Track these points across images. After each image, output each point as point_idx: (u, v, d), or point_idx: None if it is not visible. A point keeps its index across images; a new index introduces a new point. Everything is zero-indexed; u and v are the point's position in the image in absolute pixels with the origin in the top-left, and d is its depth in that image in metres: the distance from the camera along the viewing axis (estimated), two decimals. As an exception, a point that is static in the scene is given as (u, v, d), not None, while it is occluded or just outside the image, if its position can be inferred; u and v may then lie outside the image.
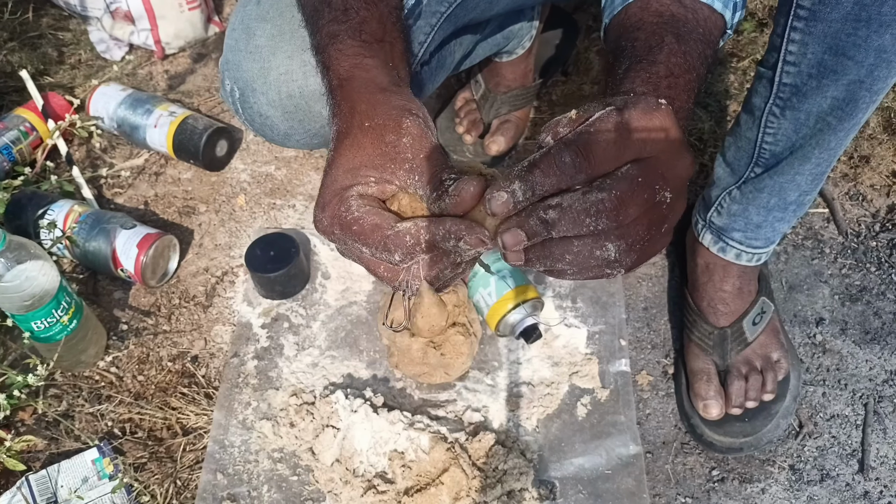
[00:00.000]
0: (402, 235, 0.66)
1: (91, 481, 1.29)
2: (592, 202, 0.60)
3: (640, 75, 0.73)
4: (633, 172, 0.61)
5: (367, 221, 0.67)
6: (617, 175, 0.61)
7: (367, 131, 0.71)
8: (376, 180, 0.69)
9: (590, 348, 1.44)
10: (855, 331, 1.47)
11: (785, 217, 1.27)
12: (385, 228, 0.66)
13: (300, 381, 1.41)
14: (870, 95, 1.00)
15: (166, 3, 1.89)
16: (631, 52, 0.77)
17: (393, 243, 0.66)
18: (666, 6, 0.80)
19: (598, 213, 0.60)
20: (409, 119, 0.70)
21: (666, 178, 0.62)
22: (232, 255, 1.61)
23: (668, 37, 0.77)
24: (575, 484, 1.30)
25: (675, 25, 0.78)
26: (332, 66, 0.79)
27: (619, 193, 0.60)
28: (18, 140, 1.69)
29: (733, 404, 1.33)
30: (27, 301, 1.27)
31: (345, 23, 0.81)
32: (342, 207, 0.69)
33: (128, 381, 1.43)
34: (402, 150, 0.69)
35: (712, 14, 0.82)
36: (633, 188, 0.60)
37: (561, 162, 0.60)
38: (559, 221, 0.60)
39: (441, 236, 0.64)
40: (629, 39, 0.79)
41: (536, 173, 0.60)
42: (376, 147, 0.70)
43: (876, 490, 1.31)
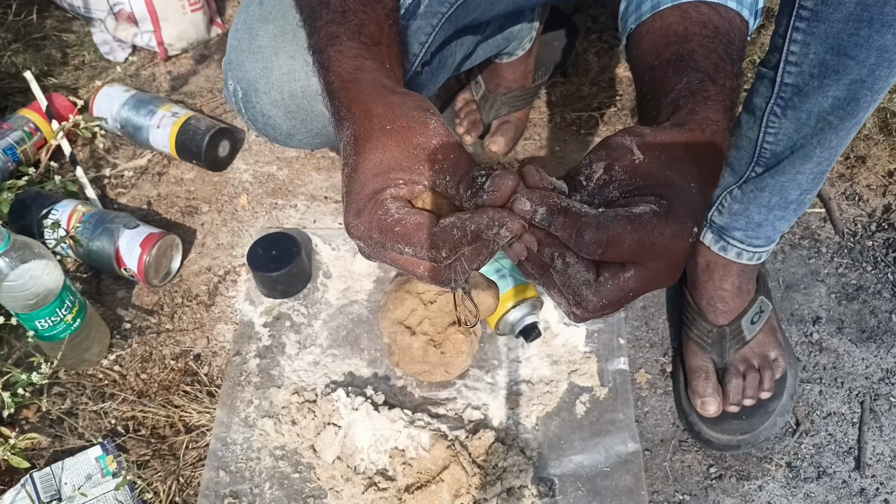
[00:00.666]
0: (448, 230, 0.65)
1: (94, 479, 1.28)
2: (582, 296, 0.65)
3: (718, 101, 0.73)
4: (630, 285, 0.65)
5: (411, 222, 0.66)
6: (619, 282, 0.64)
7: (391, 134, 0.69)
8: (405, 182, 0.69)
9: (589, 347, 1.44)
10: (851, 329, 1.47)
11: (786, 216, 1.27)
12: (429, 226, 0.66)
13: (302, 379, 1.40)
14: (871, 95, 1.00)
15: (169, 4, 1.88)
16: (695, 65, 0.76)
17: (440, 239, 0.65)
18: (706, 15, 0.80)
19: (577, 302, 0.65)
20: (434, 120, 0.70)
21: (646, 289, 0.66)
22: (234, 254, 1.60)
23: (724, 56, 0.77)
24: (574, 481, 1.29)
25: (723, 41, 0.78)
26: (333, 67, 0.78)
27: (605, 301, 0.64)
28: (23, 140, 1.68)
29: (731, 402, 1.33)
30: (31, 300, 1.26)
31: (343, 24, 0.81)
32: (380, 211, 0.67)
33: (131, 379, 1.43)
34: (432, 152, 0.68)
35: (742, 23, 0.82)
36: (620, 298, 0.65)
37: (580, 237, 0.61)
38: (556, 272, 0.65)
39: (486, 224, 0.64)
40: (685, 51, 0.78)
41: (559, 220, 0.62)
42: (403, 150, 0.69)
43: (872, 487, 1.30)
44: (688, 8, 0.81)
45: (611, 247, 0.61)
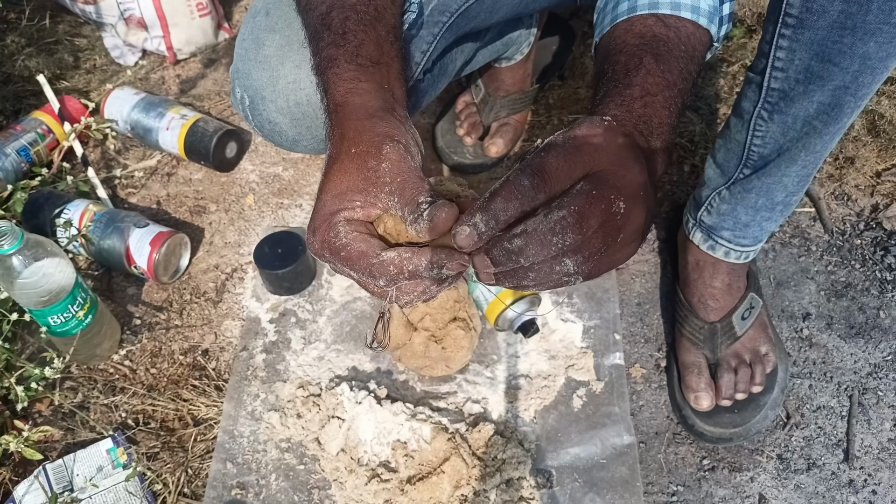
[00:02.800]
0: (386, 265, 0.67)
1: (105, 470, 1.29)
2: (556, 220, 0.62)
3: (614, 99, 0.75)
4: (586, 187, 0.63)
5: (354, 248, 0.69)
6: (572, 191, 0.63)
7: (353, 157, 0.72)
8: (361, 204, 0.71)
9: (585, 342, 1.44)
10: (840, 325, 1.47)
11: (772, 217, 1.27)
12: (370, 256, 0.68)
13: (307, 373, 1.41)
14: (854, 101, 1.00)
15: (178, 10, 1.89)
16: (611, 76, 0.78)
17: (377, 271, 0.67)
18: (649, 27, 0.82)
19: (563, 231, 0.62)
20: (388, 145, 0.71)
21: (618, 188, 0.65)
22: (241, 252, 1.61)
23: (646, 57, 0.78)
24: (571, 472, 1.30)
25: (655, 46, 0.80)
26: (329, 90, 0.80)
27: (577, 208, 0.62)
28: (36, 142, 1.69)
29: (723, 396, 1.33)
30: (44, 297, 1.27)
31: (342, 47, 0.82)
32: (331, 233, 0.70)
33: (141, 373, 1.43)
34: (381, 175, 0.70)
35: (697, 30, 0.82)
36: (589, 201, 0.63)
37: (520, 186, 0.62)
38: (525, 248, 0.63)
39: (424, 266, 0.66)
40: (610, 63, 0.80)
41: (498, 201, 0.63)
42: (360, 172, 0.71)
43: (860, 479, 1.31)
44: (635, 21, 0.83)
45: (546, 173, 0.63)
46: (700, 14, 0.83)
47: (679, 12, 0.82)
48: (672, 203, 1.64)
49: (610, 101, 0.74)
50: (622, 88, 0.75)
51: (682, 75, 0.79)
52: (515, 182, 0.63)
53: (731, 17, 0.88)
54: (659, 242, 1.59)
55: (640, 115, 0.73)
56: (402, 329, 0.77)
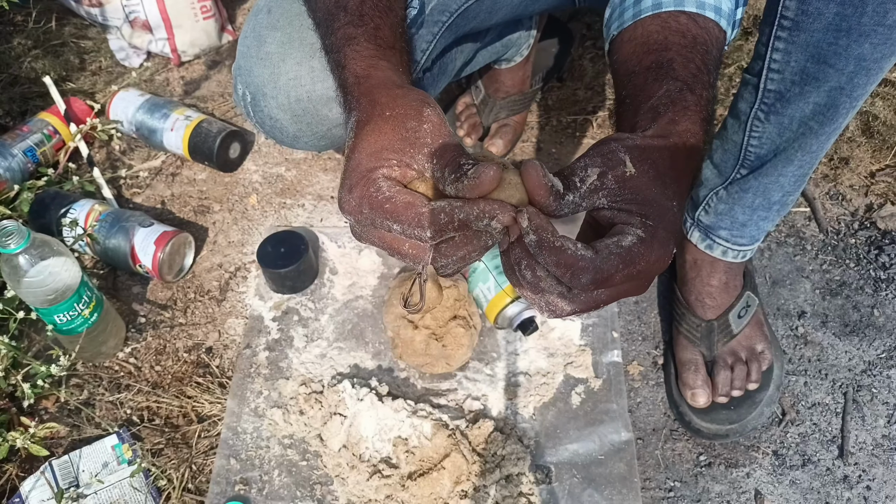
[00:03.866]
0: (437, 213, 0.64)
1: (111, 466, 1.29)
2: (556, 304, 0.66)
3: (695, 113, 0.74)
4: (602, 297, 0.65)
5: (400, 200, 0.66)
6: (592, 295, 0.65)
7: (389, 119, 0.70)
8: (398, 163, 0.68)
9: (584, 340, 1.44)
10: (835, 323, 1.47)
11: (769, 216, 1.27)
12: (419, 206, 0.65)
13: (309, 371, 1.41)
14: (850, 101, 1.00)
15: (182, 12, 1.88)
16: (673, 74, 0.76)
17: (427, 220, 0.65)
18: (685, 25, 0.80)
19: (551, 311, 0.66)
20: (429, 109, 0.70)
21: (631, 294, 0.67)
22: (244, 251, 1.61)
23: (702, 66, 0.77)
24: (569, 468, 1.30)
25: (700, 50, 0.78)
26: (349, 65, 0.78)
27: (578, 308, 0.65)
28: (42, 143, 1.69)
29: (720, 393, 1.33)
30: (50, 295, 1.27)
31: (361, 27, 0.81)
32: (372, 188, 0.67)
33: (146, 371, 1.43)
34: (422, 136, 0.68)
35: (720, 33, 0.82)
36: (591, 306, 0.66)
37: (576, 277, 0.62)
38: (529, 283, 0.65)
39: (475, 215, 0.63)
40: (664, 59, 0.78)
41: (551, 259, 0.62)
42: (397, 132, 0.69)
43: (855, 474, 1.31)
44: (667, 17, 0.81)
45: (604, 284, 0.62)
46: (721, 15, 0.82)
47: (704, 12, 0.81)
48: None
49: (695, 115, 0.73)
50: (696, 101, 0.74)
51: (714, 86, 0.78)
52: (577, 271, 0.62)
53: (740, 22, 0.88)
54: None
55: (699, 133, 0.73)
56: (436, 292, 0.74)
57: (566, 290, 0.64)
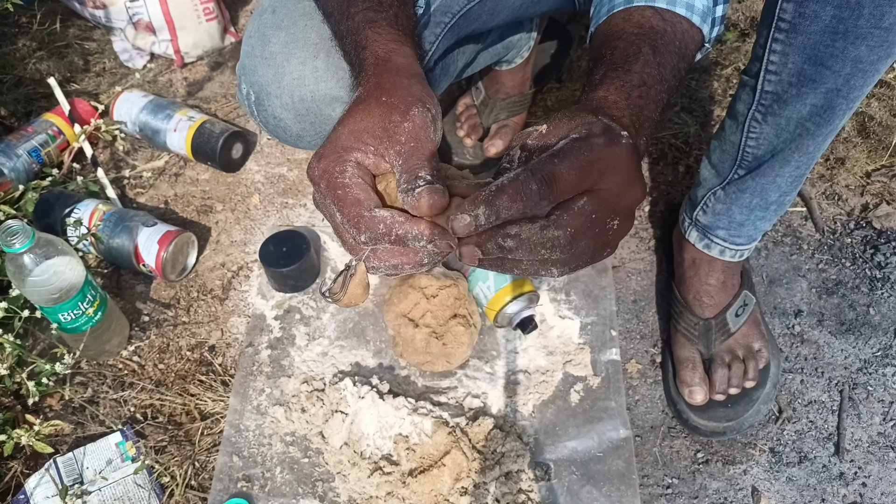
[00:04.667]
0: (376, 221, 0.65)
1: (115, 463, 1.29)
2: (549, 238, 0.62)
3: (614, 83, 0.73)
4: (587, 208, 0.62)
5: (352, 193, 0.66)
6: (573, 210, 0.62)
7: (381, 105, 0.70)
8: (374, 152, 0.69)
9: (582, 338, 1.44)
10: (831, 322, 1.47)
11: (766, 216, 1.27)
12: (363, 208, 0.65)
13: (311, 369, 1.41)
14: (846, 103, 1.00)
15: (185, 14, 1.88)
16: (609, 60, 0.77)
17: (365, 224, 0.65)
18: (647, 18, 0.81)
19: (553, 248, 0.62)
20: (417, 108, 0.70)
21: (618, 210, 0.64)
22: (247, 251, 1.61)
23: (644, 47, 0.77)
24: (568, 465, 1.30)
25: (652, 37, 0.79)
26: (370, 46, 0.78)
27: (573, 231, 0.62)
28: (47, 143, 1.69)
29: (717, 391, 1.33)
30: (55, 294, 1.27)
31: (381, 12, 0.82)
32: (338, 168, 0.68)
33: (149, 369, 1.43)
34: (400, 133, 0.68)
35: (691, 28, 0.82)
36: (587, 224, 0.62)
37: (528, 190, 0.61)
38: (516, 249, 0.63)
39: (413, 235, 0.64)
40: (609, 48, 0.79)
41: (504, 199, 0.61)
42: (382, 121, 0.69)
43: (850, 471, 1.30)
44: (633, 12, 0.82)
45: (556, 181, 0.61)
46: (694, 12, 0.82)
47: (674, 8, 0.82)
48: (667, 203, 1.64)
49: (609, 85, 0.73)
50: (622, 73, 0.74)
51: (672, 72, 0.78)
52: (524, 185, 0.61)
53: (723, 20, 0.88)
54: (655, 241, 1.58)
55: (635, 105, 0.72)
56: (360, 290, 0.73)
57: (546, 221, 0.62)
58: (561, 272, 0.65)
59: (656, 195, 1.66)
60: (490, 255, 0.64)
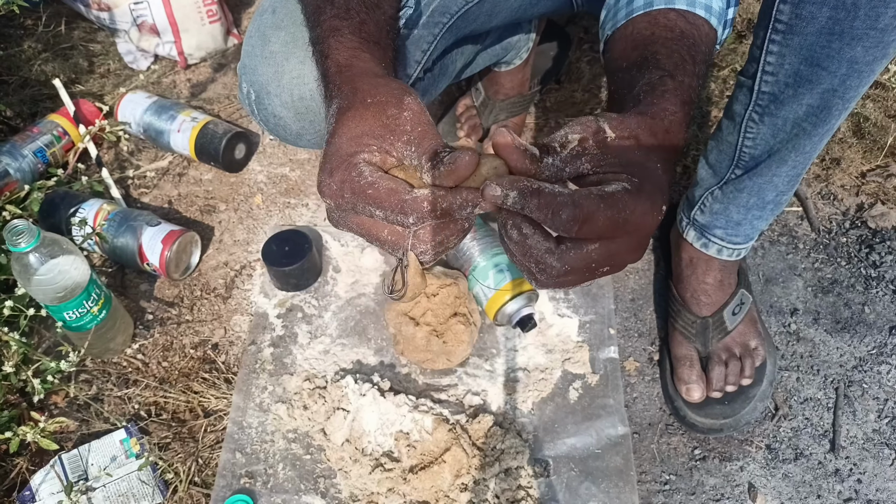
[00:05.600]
0: (420, 200, 0.64)
1: (119, 460, 1.29)
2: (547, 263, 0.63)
3: (676, 95, 0.72)
4: (593, 256, 0.62)
5: (383, 186, 0.65)
6: (581, 252, 0.62)
7: (370, 106, 0.69)
8: (378, 149, 0.68)
9: (581, 336, 1.44)
10: (827, 320, 1.47)
11: (763, 215, 1.27)
12: (402, 193, 0.65)
13: (313, 366, 1.41)
14: (842, 103, 1.00)
15: (189, 16, 1.88)
16: (657, 64, 0.75)
17: (410, 207, 0.64)
18: (673, 21, 0.80)
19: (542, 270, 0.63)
20: (409, 97, 0.69)
21: (615, 263, 0.64)
22: (249, 250, 1.61)
23: (686, 56, 0.76)
24: (567, 462, 1.30)
25: (686, 44, 0.78)
26: (332, 55, 0.78)
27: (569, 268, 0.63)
28: (52, 144, 1.68)
29: (714, 388, 1.33)
30: (60, 293, 1.27)
31: (346, 20, 0.81)
32: (353, 173, 0.66)
33: (153, 366, 1.43)
34: (402, 123, 0.67)
35: (710, 31, 0.81)
36: (585, 266, 0.63)
37: (557, 213, 0.60)
38: (516, 243, 0.63)
39: (459, 204, 0.63)
40: (649, 53, 0.77)
41: (534, 201, 0.60)
42: (378, 119, 0.68)
43: (846, 468, 1.30)
44: (657, 15, 0.81)
45: (586, 223, 0.60)
46: (712, 14, 0.81)
47: (694, 9, 0.81)
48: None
49: (675, 97, 0.72)
50: (678, 87, 0.73)
51: (702, 78, 0.78)
52: (558, 207, 0.59)
53: (733, 22, 0.88)
54: (653, 240, 1.58)
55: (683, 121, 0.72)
56: (420, 278, 0.73)
57: (553, 246, 0.62)
58: (539, 286, 0.66)
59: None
60: (500, 219, 0.64)
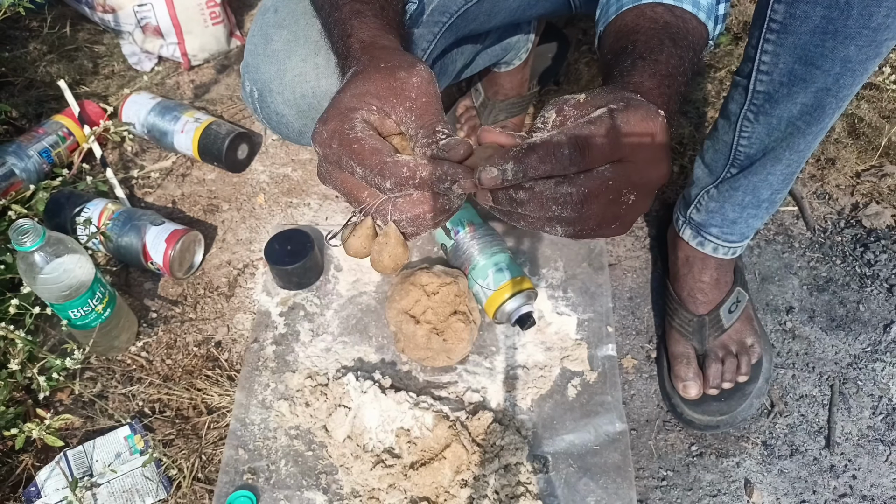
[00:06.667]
0: (399, 165, 0.64)
1: (123, 456, 1.29)
2: (562, 194, 0.60)
3: (647, 70, 0.72)
4: (608, 174, 0.61)
5: (369, 144, 0.65)
6: (593, 172, 0.61)
7: (381, 70, 0.69)
8: (377, 109, 0.68)
9: (579, 334, 1.44)
10: (822, 318, 1.47)
11: (758, 214, 1.27)
12: (384, 154, 0.65)
13: (315, 364, 1.41)
14: (836, 102, 1.00)
15: (192, 18, 1.89)
16: (633, 50, 0.76)
17: (389, 170, 0.64)
18: (659, 14, 0.80)
19: (564, 204, 0.61)
20: (422, 66, 0.69)
21: (638, 185, 0.63)
22: (252, 249, 1.61)
23: (666, 40, 0.77)
24: (566, 458, 1.30)
25: (669, 31, 0.78)
26: (355, 34, 0.78)
27: (587, 191, 0.61)
28: (57, 144, 1.69)
29: (711, 385, 1.33)
30: (65, 291, 1.27)
31: (367, 4, 0.82)
32: (346, 125, 0.67)
33: (157, 364, 1.43)
34: (408, 89, 0.67)
35: (699, 25, 0.82)
36: (602, 188, 0.61)
37: (560, 153, 0.60)
38: (527, 203, 0.61)
39: (438, 176, 0.63)
40: (630, 41, 0.78)
41: (533, 158, 0.60)
42: (385, 80, 0.68)
43: (841, 464, 1.30)
44: (644, 8, 0.82)
45: (589, 148, 0.60)
46: (700, 9, 0.82)
47: (681, 4, 0.82)
48: (662, 202, 1.64)
49: (643, 72, 0.72)
50: (651, 63, 0.73)
51: (689, 64, 0.77)
52: (556, 147, 0.60)
53: (725, 18, 0.88)
54: (650, 239, 1.58)
55: (665, 94, 0.71)
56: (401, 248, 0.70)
57: (553, 185, 0.61)
58: (565, 232, 0.64)
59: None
60: (501, 203, 0.63)
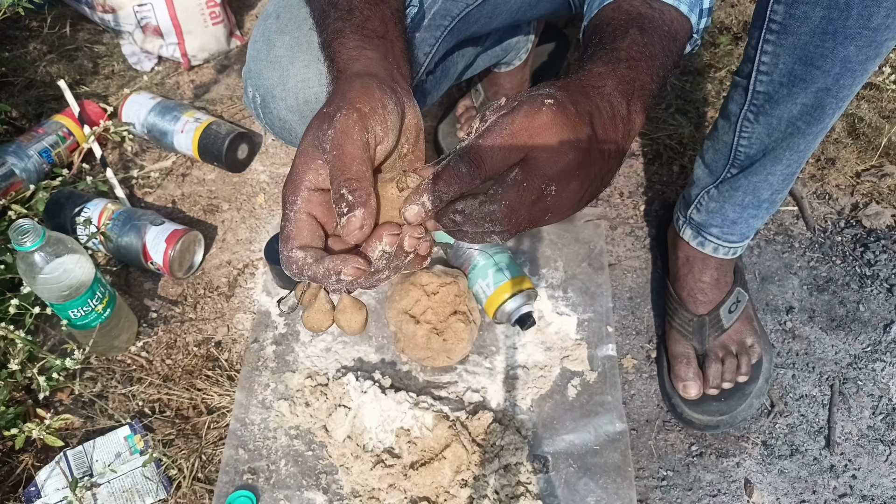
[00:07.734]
0: (290, 262, 0.65)
1: (123, 456, 1.29)
2: (487, 212, 0.63)
3: (603, 57, 0.73)
4: (519, 178, 0.63)
5: (288, 228, 0.66)
6: (506, 183, 0.64)
7: (317, 116, 0.68)
8: (321, 167, 0.66)
9: (579, 334, 1.44)
10: (822, 318, 1.47)
11: (758, 214, 1.27)
12: (288, 246, 0.66)
13: (315, 364, 1.41)
14: (836, 102, 1.00)
15: (192, 18, 1.88)
16: (598, 41, 0.77)
17: (284, 263, 0.65)
18: (635, 7, 0.80)
19: (493, 221, 0.64)
20: (342, 113, 0.66)
21: (551, 176, 0.64)
22: (252, 249, 1.61)
23: (631, 30, 0.77)
24: (566, 458, 1.30)
25: (640, 21, 0.78)
26: (335, 59, 0.78)
27: (507, 203, 0.63)
28: (57, 144, 1.69)
29: (711, 385, 1.33)
30: (65, 291, 1.27)
31: (349, 21, 0.81)
32: (290, 197, 0.67)
33: (157, 364, 1.43)
34: (324, 141, 0.66)
35: (679, 16, 0.81)
36: (520, 194, 0.63)
37: (458, 172, 0.63)
38: (464, 224, 0.65)
39: (321, 274, 0.64)
40: (598, 34, 0.79)
41: (441, 184, 0.63)
42: (314, 133, 0.67)
43: (841, 464, 1.30)
44: (622, 3, 0.81)
45: (483, 161, 0.63)
46: (681, 2, 0.82)
47: None
48: (662, 202, 1.64)
49: (597, 59, 0.73)
50: (609, 51, 0.74)
51: (664, 50, 0.77)
52: (454, 168, 0.63)
53: (710, 11, 0.87)
54: (650, 239, 1.58)
55: (623, 76, 0.72)
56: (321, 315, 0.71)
57: (478, 205, 0.64)
58: (503, 238, 0.66)
59: (651, 195, 1.66)
60: (448, 227, 0.66)
